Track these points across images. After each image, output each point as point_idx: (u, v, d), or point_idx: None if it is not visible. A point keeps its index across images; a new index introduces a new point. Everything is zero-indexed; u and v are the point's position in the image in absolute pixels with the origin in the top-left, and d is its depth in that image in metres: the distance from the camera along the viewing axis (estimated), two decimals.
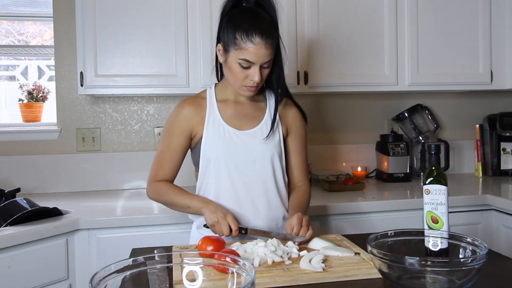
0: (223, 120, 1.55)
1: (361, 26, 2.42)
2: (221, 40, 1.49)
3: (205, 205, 1.48)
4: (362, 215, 2.10)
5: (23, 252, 1.67)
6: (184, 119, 1.56)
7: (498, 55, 2.53)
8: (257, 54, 1.42)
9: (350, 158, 2.80)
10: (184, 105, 1.59)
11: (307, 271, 1.15)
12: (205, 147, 1.54)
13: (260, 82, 1.47)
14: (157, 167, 1.59)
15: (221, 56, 1.51)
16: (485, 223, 2.23)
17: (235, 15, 1.46)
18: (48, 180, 2.49)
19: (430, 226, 1.22)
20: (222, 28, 1.49)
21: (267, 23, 1.44)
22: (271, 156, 1.56)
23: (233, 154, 1.53)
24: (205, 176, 1.57)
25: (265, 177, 1.56)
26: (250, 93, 1.51)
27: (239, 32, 1.41)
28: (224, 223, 1.40)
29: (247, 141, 1.54)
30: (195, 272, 0.97)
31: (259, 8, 1.48)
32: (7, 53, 2.82)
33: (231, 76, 1.50)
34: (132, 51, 2.24)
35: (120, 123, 2.59)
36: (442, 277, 0.98)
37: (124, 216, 1.94)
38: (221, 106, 1.58)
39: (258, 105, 1.62)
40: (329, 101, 2.79)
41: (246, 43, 1.41)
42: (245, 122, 1.57)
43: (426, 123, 2.76)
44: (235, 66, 1.45)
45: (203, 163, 1.56)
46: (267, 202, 1.56)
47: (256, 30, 1.40)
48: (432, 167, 1.24)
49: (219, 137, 1.54)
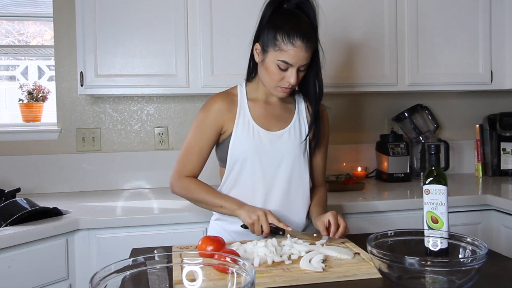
0: (253, 119, 1.55)
1: (361, 26, 2.42)
2: (260, 40, 1.49)
3: (241, 207, 1.48)
4: (362, 215, 2.10)
5: (23, 252, 1.67)
6: (216, 114, 1.55)
7: (498, 55, 2.52)
8: (296, 57, 1.42)
9: (350, 158, 2.80)
10: (217, 100, 1.57)
11: (307, 271, 1.15)
12: (233, 145, 1.54)
13: (295, 84, 1.48)
14: (185, 161, 1.57)
15: (258, 56, 1.51)
16: (485, 223, 2.23)
17: (276, 17, 1.46)
18: (48, 180, 2.49)
19: (430, 226, 1.22)
20: (262, 28, 1.49)
21: (308, 26, 1.44)
22: (297, 158, 1.56)
23: (260, 154, 1.53)
24: (231, 174, 1.56)
25: (289, 179, 1.56)
26: (284, 94, 1.52)
27: (280, 34, 1.42)
28: (264, 221, 1.41)
29: (275, 142, 1.54)
30: (195, 272, 0.97)
31: (300, 10, 1.48)
32: (7, 53, 2.81)
33: (267, 76, 1.49)
34: (132, 51, 2.24)
35: (120, 123, 2.59)
36: (442, 277, 0.98)
37: (124, 216, 1.94)
38: (251, 105, 1.58)
39: (287, 106, 1.62)
40: (329, 101, 2.77)
41: (287, 45, 1.41)
42: (274, 123, 1.57)
43: (426, 123, 2.76)
44: (273, 66, 1.45)
45: (231, 160, 1.55)
46: (289, 205, 1.56)
47: (297, 32, 1.41)
48: (432, 167, 1.24)
49: (248, 136, 1.53)
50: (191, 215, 1.93)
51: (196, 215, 1.93)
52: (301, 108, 1.62)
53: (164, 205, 2.11)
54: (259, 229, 1.41)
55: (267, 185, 1.54)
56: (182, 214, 1.93)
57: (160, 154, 2.59)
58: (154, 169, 2.57)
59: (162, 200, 2.24)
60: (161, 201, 2.21)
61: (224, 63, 2.26)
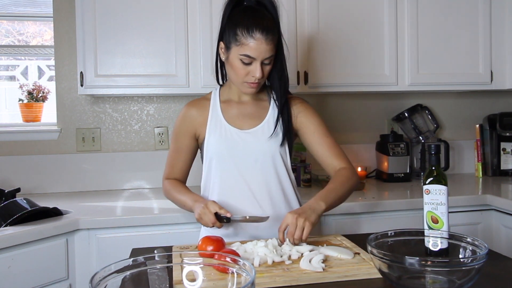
0: (225, 120, 1.57)
1: (361, 26, 2.42)
2: (223, 39, 1.51)
3: (195, 203, 1.49)
4: (362, 215, 2.10)
5: (23, 252, 1.67)
6: (188, 120, 1.62)
7: (498, 55, 2.52)
8: (257, 50, 1.43)
9: (350, 158, 2.74)
10: (189, 107, 1.64)
11: (307, 271, 1.15)
12: (207, 147, 1.57)
13: (261, 78, 1.49)
14: (168, 167, 1.66)
15: (223, 54, 1.53)
16: (485, 223, 2.23)
17: (236, 13, 1.48)
18: (48, 180, 2.49)
19: (430, 226, 1.22)
20: (223, 27, 1.51)
21: (268, 19, 1.46)
22: (272, 155, 1.56)
23: (234, 154, 1.54)
24: (209, 175, 1.60)
25: (267, 176, 1.56)
26: (252, 89, 1.52)
27: (240, 28, 1.43)
28: (206, 212, 1.40)
29: (248, 140, 1.55)
30: (195, 272, 0.97)
31: (260, 7, 1.50)
32: (7, 53, 2.82)
33: (232, 73, 1.51)
34: (132, 51, 2.24)
35: (120, 123, 2.59)
36: (442, 277, 0.98)
37: (124, 216, 1.94)
38: (224, 107, 1.60)
39: (261, 104, 1.63)
40: (329, 101, 2.79)
41: (247, 38, 1.43)
42: (247, 121, 1.58)
43: (426, 123, 2.76)
44: (237, 62, 1.47)
45: (206, 162, 1.59)
46: (270, 201, 1.56)
47: (256, 26, 1.42)
48: (432, 167, 1.24)
49: (221, 137, 1.55)
50: (191, 215, 1.93)
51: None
52: (275, 105, 1.61)
53: (164, 205, 2.11)
54: (207, 222, 1.41)
55: (246, 183, 1.54)
56: (182, 214, 1.93)
57: (160, 154, 2.59)
58: (154, 169, 2.57)
59: (162, 200, 2.23)
60: (161, 201, 2.21)
61: None
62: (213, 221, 1.40)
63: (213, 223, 1.40)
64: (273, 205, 1.56)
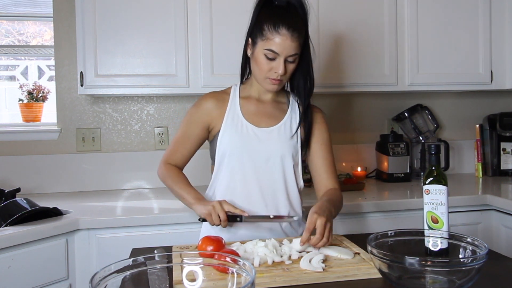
0: (243, 116, 1.57)
1: (361, 26, 2.42)
2: (251, 35, 1.52)
3: (197, 201, 1.50)
4: (362, 215, 2.10)
5: (23, 252, 1.67)
6: (204, 111, 1.60)
7: (498, 55, 2.52)
8: (282, 45, 1.44)
9: (350, 158, 2.80)
10: (208, 97, 1.63)
11: (307, 271, 1.15)
12: (221, 140, 1.57)
13: (284, 75, 1.49)
14: (171, 151, 1.65)
15: (249, 49, 1.54)
16: (485, 223, 2.22)
17: (265, 11, 1.49)
18: (48, 180, 2.49)
19: (430, 226, 1.22)
20: (252, 24, 1.52)
21: (295, 18, 1.47)
22: (282, 156, 1.56)
23: (247, 149, 1.54)
24: (219, 169, 1.59)
25: (276, 176, 1.56)
26: (273, 86, 1.52)
27: (267, 24, 1.45)
28: (220, 209, 1.41)
29: (263, 138, 1.55)
30: (195, 272, 0.97)
31: (290, 7, 1.50)
32: (7, 53, 2.81)
33: (256, 68, 1.52)
34: (132, 51, 2.24)
35: (120, 123, 2.59)
36: (442, 277, 0.98)
37: (124, 216, 1.94)
38: (243, 103, 1.60)
39: (280, 106, 1.63)
40: (329, 101, 2.78)
41: (273, 33, 1.44)
42: (264, 120, 1.58)
43: (426, 123, 2.76)
44: (261, 57, 1.47)
45: (219, 155, 1.58)
46: (275, 202, 1.56)
47: (283, 22, 1.43)
48: (432, 167, 1.24)
49: (236, 131, 1.55)
50: (191, 215, 1.93)
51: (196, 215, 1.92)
52: (294, 109, 1.62)
53: (164, 205, 2.11)
54: (216, 219, 1.41)
55: (256, 180, 1.54)
56: (182, 214, 1.93)
57: (160, 154, 2.55)
58: (154, 169, 2.54)
59: (162, 200, 2.23)
60: (161, 201, 2.21)
61: (224, 63, 2.26)
62: (224, 219, 1.40)
63: (224, 221, 1.41)
64: (277, 207, 1.56)
